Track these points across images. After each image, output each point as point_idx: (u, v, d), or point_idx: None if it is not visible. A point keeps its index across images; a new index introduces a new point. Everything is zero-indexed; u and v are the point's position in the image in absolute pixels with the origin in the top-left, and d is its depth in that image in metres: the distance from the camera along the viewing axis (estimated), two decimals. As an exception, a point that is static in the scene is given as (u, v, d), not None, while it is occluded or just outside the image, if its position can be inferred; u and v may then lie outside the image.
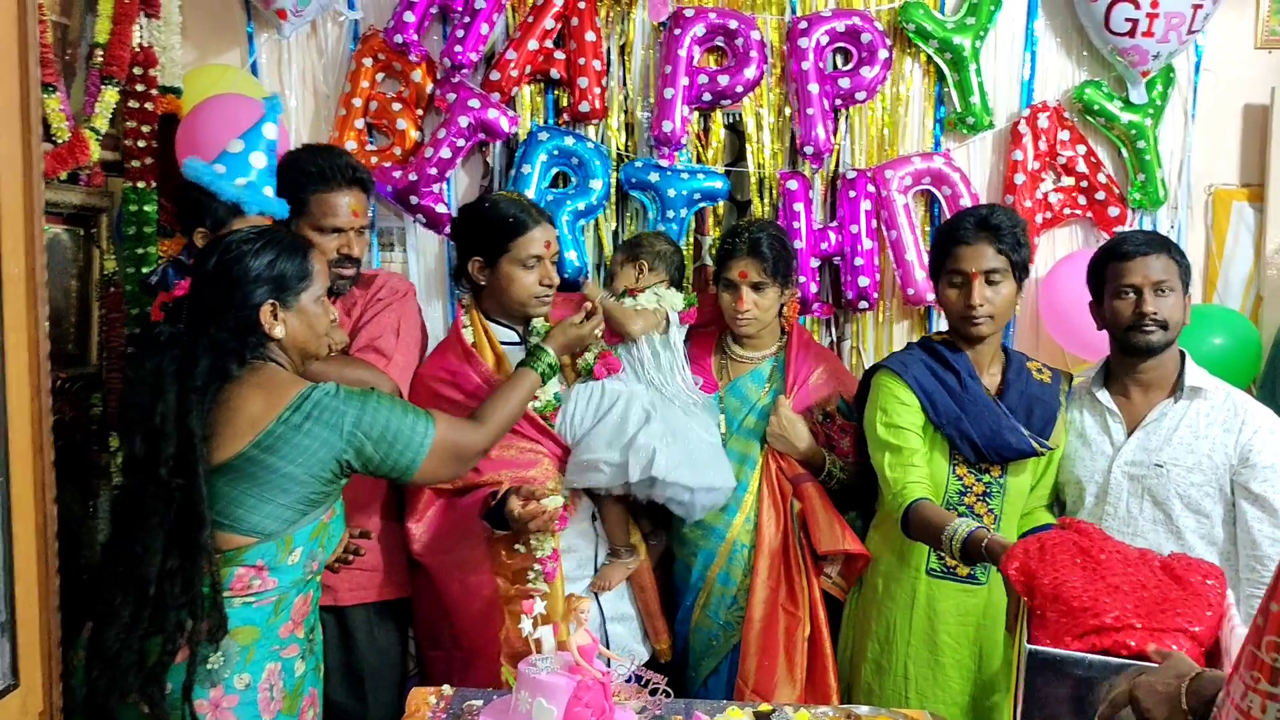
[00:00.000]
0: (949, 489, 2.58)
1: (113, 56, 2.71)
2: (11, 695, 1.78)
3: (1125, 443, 2.56)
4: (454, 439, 2.18)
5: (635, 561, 2.74)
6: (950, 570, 2.61)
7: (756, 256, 2.73)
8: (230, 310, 2.01)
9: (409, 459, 2.09)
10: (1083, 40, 3.40)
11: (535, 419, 2.63)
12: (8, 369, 1.76)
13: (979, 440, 2.53)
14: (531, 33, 3.25)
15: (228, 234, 2.09)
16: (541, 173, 3.26)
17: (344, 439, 2.01)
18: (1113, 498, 2.56)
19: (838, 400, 2.83)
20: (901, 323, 3.47)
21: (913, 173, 3.33)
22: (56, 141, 2.49)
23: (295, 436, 1.96)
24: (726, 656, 2.74)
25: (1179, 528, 2.50)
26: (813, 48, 3.25)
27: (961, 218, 2.61)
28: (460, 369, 2.65)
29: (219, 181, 2.42)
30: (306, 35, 3.40)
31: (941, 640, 2.63)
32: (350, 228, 2.63)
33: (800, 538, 2.73)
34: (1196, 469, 2.49)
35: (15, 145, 1.80)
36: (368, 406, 2.04)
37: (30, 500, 1.82)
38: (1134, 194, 3.39)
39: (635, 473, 2.53)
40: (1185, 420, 2.52)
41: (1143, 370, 2.57)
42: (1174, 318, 2.51)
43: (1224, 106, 3.46)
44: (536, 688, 1.98)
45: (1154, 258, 2.51)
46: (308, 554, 2.05)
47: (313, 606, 2.16)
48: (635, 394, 2.68)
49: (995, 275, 2.53)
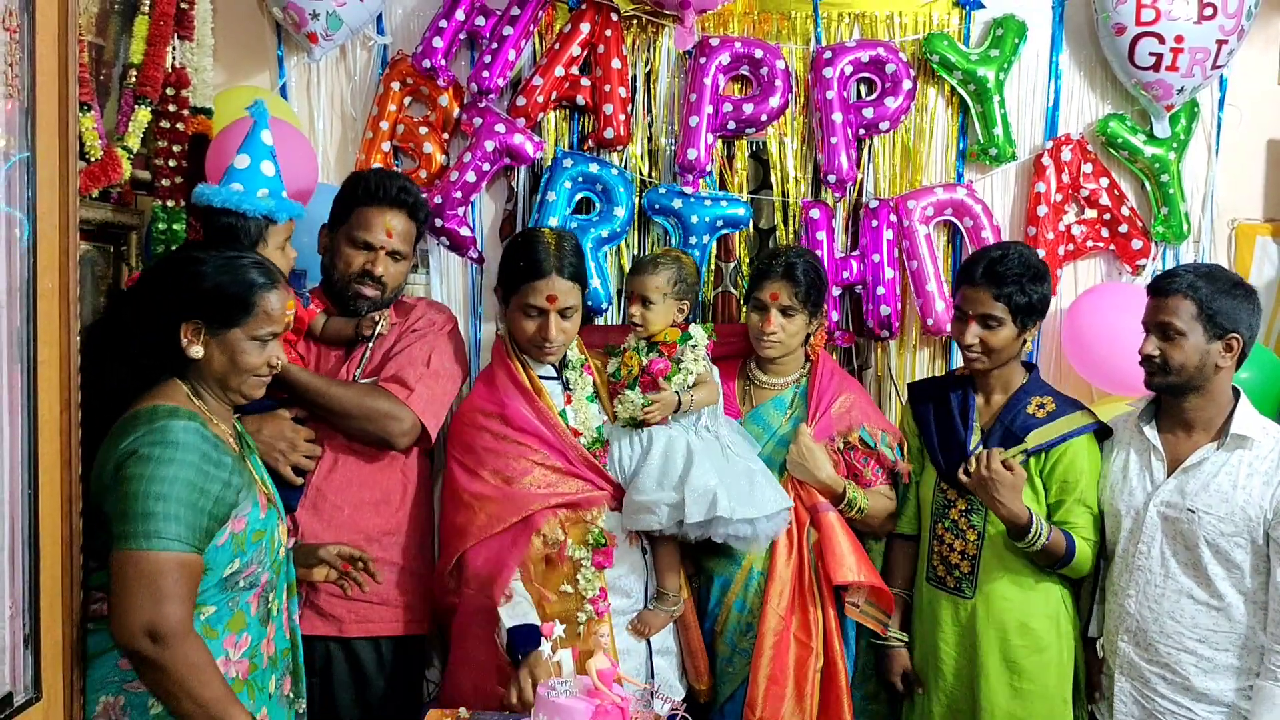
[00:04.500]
0: (935, 501, 2.77)
1: (146, 77, 2.74)
2: (33, 708, 1.78)
3: (1164, 483, 2.55)
4: (157, 582, 1.82)
5: (679, 609, 2.71)
6: (940, 580, 2.74)
7: (790, 281, 2.75)
8: (158, 313, 1.99)
9: (130, 537, 1.83)
10: (1106, 74, 3.41)
11: (588, 457, 2.63)
12: (39, 383, 1.78)
13: (942, 463, 2.73)
14: (558, 59, 3.28)
15: (200, 245, 2.07)
16: (566, 199, 3.28)
17: (106, 477, 1.90)
18: (1146, 536, 2.55)
19: (861, 429, 2.81)
20: (923, 351, 3.47)
21: (935, 203, 3.34)
22: (90, 159, 2.52)
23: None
24: (742, 684, 2.72)
25: (1209, 575, 2.48)
26: (837, 77, 3.27)
27: (976, 259, 2.71)
28: (511, 404, 2.64)
29: (245, 200, 2.44)
30: (336, 59, 3.44)
31: (941, 649, 2.72)
32: (382, 247, 2.65)
33: (816, 568, 2.72)
34: (1229, 519, 2.46)
35: (54, 162, 1.82)
36: (147, 472, 1.84)
37: (57, 513, 1.83)
38: (1157, 227, 3.39)
39: (698, 514, 2.51)
40: (1225, 468, 2.49)
41: (1184, 410, 2.56)
42: (1181, 361, 2.48)
43: (1248, 141, 3.46)
44: (555, 711, 1.98)
45: (1166, 299, 2.51)
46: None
47: (249, 654, 2.02)
48: (674, 432, 2.66)
49: (991, 321, 2.64)
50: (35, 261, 1.76)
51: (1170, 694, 2.51)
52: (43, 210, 1.79)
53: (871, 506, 2.77)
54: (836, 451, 2.78)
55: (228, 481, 1.94)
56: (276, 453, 2.49)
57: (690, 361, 2.69)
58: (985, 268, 2.65)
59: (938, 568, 2.74)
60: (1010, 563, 2.65)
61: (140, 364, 2.02)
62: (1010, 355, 2.70)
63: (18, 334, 1.74)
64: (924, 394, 2.88)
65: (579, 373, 2.74)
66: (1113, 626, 2.62)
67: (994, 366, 2.70)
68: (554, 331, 2.62)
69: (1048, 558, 2.59)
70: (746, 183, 3.43)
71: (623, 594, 2.66)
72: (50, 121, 1.82)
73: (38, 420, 1.77)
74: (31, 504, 1.77)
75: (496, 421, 2.63)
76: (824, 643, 2.71)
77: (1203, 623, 2.49)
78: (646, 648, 2.68)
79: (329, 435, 2.62)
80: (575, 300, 2.67)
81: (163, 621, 1.81)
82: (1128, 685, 2.57)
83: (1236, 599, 2.47)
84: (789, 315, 2.76)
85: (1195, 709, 2.50)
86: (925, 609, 2.78)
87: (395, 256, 2.70)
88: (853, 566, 2.68)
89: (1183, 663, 2.50)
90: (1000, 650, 2.63)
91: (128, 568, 1.82)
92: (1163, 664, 2.52)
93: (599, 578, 2.60)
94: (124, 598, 1.82)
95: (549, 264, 2.63)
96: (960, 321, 2.70)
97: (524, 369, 2.69)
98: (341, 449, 2.65)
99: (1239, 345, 2.50)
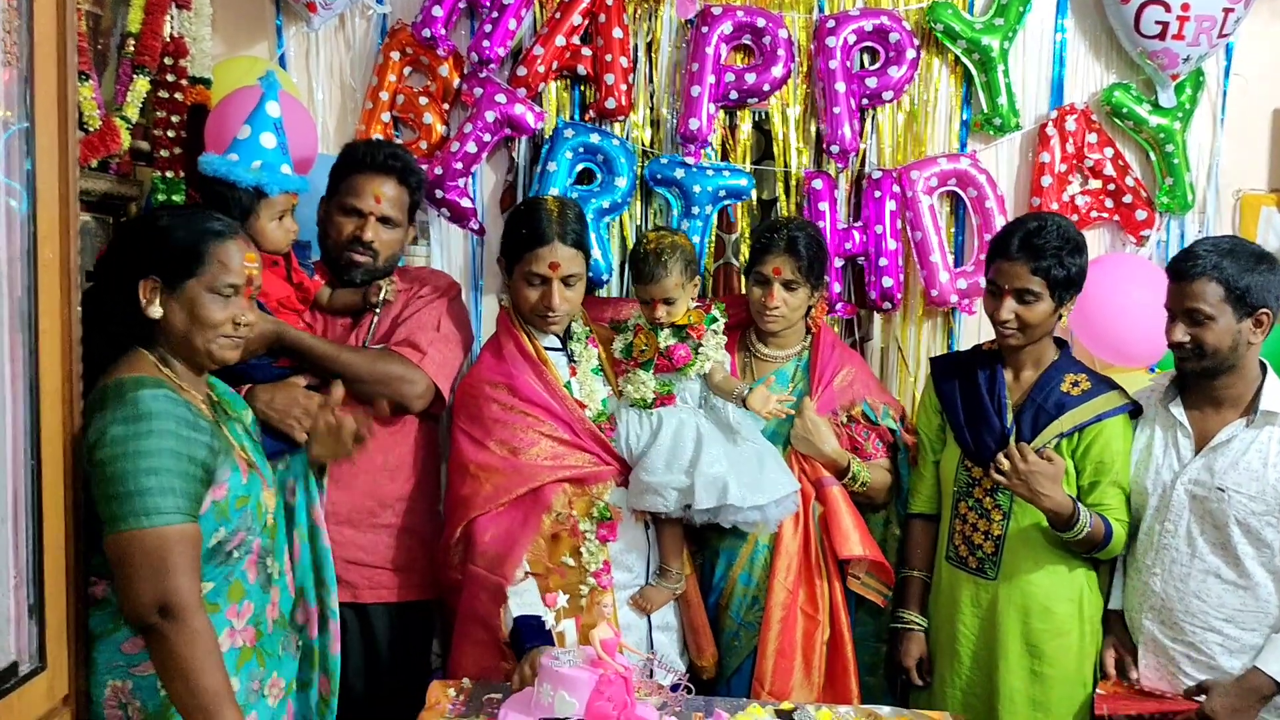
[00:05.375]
0: (959, 479, 2.70)
1: (144, 46, 2.72)
2: (39, 678, 1.78)
3: (1191, 461, 2.51)
4: (163, 558, 1.80)
5: (681, 586, 2.70)
6: (962, 560, 2.68)
7: (792, 254, 2.73)
8: (119, 275, 1.96)
9: (126, 517, 1.80)
10: (1112, 43, 3.38)
11: (595, 431, 2.63)
12: (41, 353, 1.77)
13: (970, 443, 2.65)
14: (559, 29, 3.25)
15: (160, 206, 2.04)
16: (567, 169, 3.26)
17: (82, 459, 1.86)
18: (1174, 515, 2.51)
19: (863, 403, 2.80)
20: (925, 323, 3.46)
21: (938, 174, 3.32)
22: (88, 129, 2.50)
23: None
24: (748, 656, 2.72)
25: (1238, 555, 2.44)
26: (840, 47, 3.24)
27: (1012, 230, 2.61)
28: (519, 375, 2.63)
29: (236, 170, 2.44)
30: (334, 28, 3.41)
31: (960, 632, 2.68)
32: (371, 213, 2.65)
33: (822, 541, 2.72)
34: (1259, 498, 2.42)
35: (53, 132, 1.80)
36: (125, 445, 1.82)
37: (60, 483, 1.83)
38: (1161, 198, 3.37)
39: (708, 501, 2.50)
40: (1255, 445, 2.44)
41: (1212, 387, 2.51)
42: (1212, 345, 2.42)
43: (1253, 111, 3.44)
44: (558, 681, 1.99)
45: (1195, 282, 2.42)
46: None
47: (253, 621, 2.01)
48: (684, 413, 2.65)
49: (1028, 296, 2.55)
50: (35, 231, 1.75)
51: (1195, 672, 2.48)
52: (42, 180, 1.77)
53: (873, 480, 2.77)
54: (839, 425, 2.77)
55: (209, 445, 1.91)
56: (291, 419, 2.48)
57: (711, 349, 2.66)
58: (1022, 240, 2.55)
59: (960, 548, 2.69)
60: (1036, 544, 2.59)
61: (111, 333, 1.98)
62: (1045, 331, 2.62)
63: (19, 304, 1.73)
64: (949, 370, 2.78)
65: (584, 344, 2.73)
66: (1136, 604, 2.58)
67: (1028, 343, 2.61)
68: (557, 300, 2.61)
69: (1085, 544, 2.53)
70: (749, 153, 3.41)
71: (625, 569, 2.66)
72: (49, 91, 1.81)
73: (40, 391, 1.76)
74: (34, 474, 1.76)
75: (504, 392, 2.62)
76: (830, 615, 2.71)
77: (1229, 602, 2.46)
78: (647, 623, 2.68)
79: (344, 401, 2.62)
80: (579, 268, 2.65)
81: (174, 595, 1.79)
82: (1152, 660, 2.55)
83: (1265, 578, 2.44)
84: (791, 289, 2.74)
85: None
86: (944, 590, 2.73)
87: (386, 223, 2.69)
88: (858, 541, 2.68)
89: (1208, 642, 2.47)
90: (1021, 633, 2.59)
91: (130, 548, 1.79)
92: (1188, 643, 2.49)
93: (603, 551, 2.60)
94: (131, 578, 1.79)
95: (551, 231, 2.61)
96: (994, 297, 2.60)
97: (530, 340, 2.68)
98: (356, 415, 2.65)
99: (1269, 320, 2.43)
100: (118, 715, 1.91)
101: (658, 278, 2.64)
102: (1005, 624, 2.61)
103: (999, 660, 2.61)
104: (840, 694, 2.68)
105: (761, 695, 2.63)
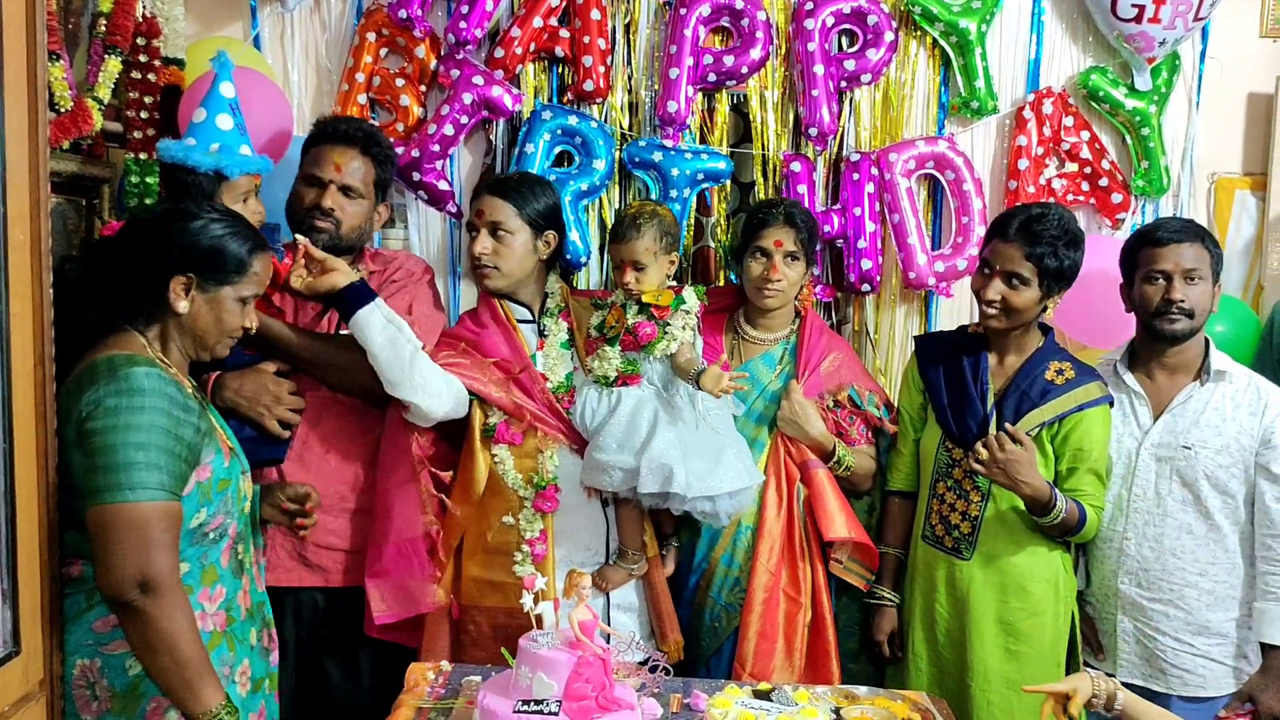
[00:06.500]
0: (938, 460, 2.72)
1: (116, 26, 2.69)
2: (13, 662, 1.77)
3: (1152, 426, 2.63)
4: (146, 532, 1.80)
5: (641, 568, 2.70)
6: (938, 539, 2.72)
7: (792, 226, 2.74)
8: (145, 265, 1.96)
9: (111, 490, 1.81)
10: (1089, 26, 3.39)
11: (551, 401, 2.65)
12: (12, 336, 1.75)
13: (953, 425, 2.67)
14: (536, 10, 3.23)
15: (197, 204, 2.04)
16: (545, 152, 3.25)
17: (69, 433, 1.87)
18: (1140, 480, 2.63)
19: (849, 388, 2.81)
20: (903, 306, 3.47)
21: (916, 156, 3.33)
22: (59, 110, 2.47)
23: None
24: (728, 638, 2.74)
25: (1207, 508, 2.58)
26: (818, 29, 3.24)
27: (1014, 213, 2.64)
28: (488, 336, 2.69)
29: (193, 154, 2.41)
30: (310, 9, 3.38)
31: (935, 610, 2.71)
32: (331, 180, 2.64)
33: (805, 524, 2.73)
34: (1224, 451, 2.56)
35: (22, 112, 1.78)
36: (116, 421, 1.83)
37: (32, 467, 1.81)
38: (1137, 181, 3.39)
39: (651, 485, 2.48)
40: (1211, 403, 2.60)
41: (1170, 354, 2.63)
42: (1201, 306, 2.57)
43: (1228, 95, 3.47)
44: (537, 663, 1.99)
45: (1187, 245, 2.57)
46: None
47: (225, 606, 2.03)
48: (645, 394, 2.63)
49: (1016, 279, 2.57)
50: (6, 213, 1.73)
51: (1172, 631, 2.59)
52: (12, 161, 1.75)
53: (858, 465, 2.78)
54: (825, 409, 2.78)
55: (197, 426, 1.93)
56: (261, 407, 2.47)
57: (678, 328, 2.62)
58: (1021, 224, 2.57)
59: (936, 527, 2.71)
60: (1013, 526, 2.63)
61: (94, 315, 1.98)
62: (1029, 318, 2.64)
63: (-11, 286, 1.72)
64: (933, 352, 2.79)
65: (554, 319, 2.75)
66: (1110, 571, 2.66)
67: (1010, 327, 2.63)
68: (478, 247, 2.66)
69: (1060, 529, 2.58)
70: (727, 136, 3.40)
71: (582, 547, 2.68)
72: (18, 70, 1.78)
73: (11, 374, 1.75)
74: (6, 459, 1.74)
75: (469, 347, 2.68)
76: (812, 598, 2.73)
77: (1202, 556, 2.58)
78: (605, 601, 2.69)
79: (312, 387, 2.61)
80: (507, 220, 2.66)
81: (153, 570, 1.80)
82: (1130, 625, 2.64)
83: (1231, 529, 2.58)
84: (792, 261, 2.75)
85: (1196, 643, 2.59)
86: (919, 568, 2.76)
87: (348, 192, 2.66)
88: (843, 523, 2.69)
89: (1186, 597, 2.58)
90: (996, 612, 2.63)
91: (114, 520, 1.80)
92: (1166, 600, 2.60)
93: (539, 520, 2.63)
94: (112, 551, 1.80)
95: (486, 185, 2.73)
96: (983, 275, 2.62)
97: (504, 309, 2.73)
98: (326, 401, 2.65)
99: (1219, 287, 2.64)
100: (85, 695, 1.91)
101: (629, 238, 2.66)
102: (981, 603, 2.64)
103: (973, 639, 2.64)
104: (821, 676, 2.69)
105: (743, 676, 2.65)
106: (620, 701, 1.99)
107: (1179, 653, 2.60)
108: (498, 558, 2.66)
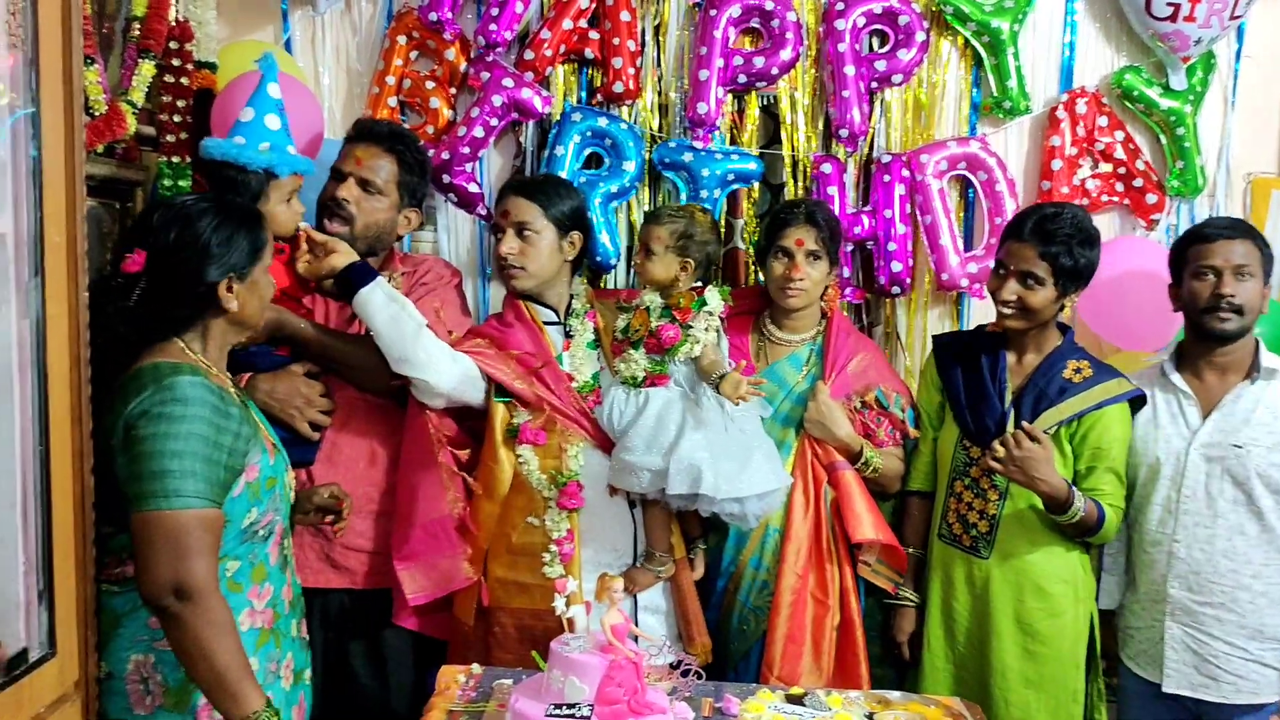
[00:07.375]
0: (956, 459, 2.72)
1: (150, 30, 2.71)
2: (49, 664, 1.78)
3: (1202, 425, 2.59)
4: (181, 540, 1.82)
5: (668, 570, 2.69)
6: (955, 538, 2.71)
7: (813, 225, 2.74)
8: (189, 285, 1.98)
9: (149, 497, 1.83)
10: (1122, 25, 3.35)
11: (577, 398, 2.64)
12: (49, 338, 1.76)
13: (970, 424, 2.67)
14: (566, 12, 3.23)
15: (180, 202, 2.04)
16: (575, 154, 3.25)
17: (116, 439, 1.89)
18: (1190, 480, 2.58)
19: (876, 389, 2.79)
20: (934, 308, 3.44)
21: (948, 157, 3.30)
22: (94, 114, 2.49)
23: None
24: (757, 641, 2.73)
25: (1260, 508, 2.55)
26: (849, 29, 3.22)
27: (1028, 213, 2.65)
28: (513, 335, 2.70)
29: (245, 153, 2.45)
30: (340, 12, 3.40)
31: (954, 609, 2.71)
32: (350, 173, 2.66)
33: (833, 526, 2.71)
34: (1277, 449, 2.54)
35: (59, 115, 1.79)
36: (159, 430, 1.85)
37: (68, 469, 1.82)
38: (1172, 181, 3.35)
39: (679, 487, 2.47)
40: (1263, 402, 2.57)
41: (1220, 354, 2.61)
42: (1251, 303, 2.55)
43: (1265, 94, 3.41)
44: (569, 666, 1.98)
45: (1237, 242, 2.56)
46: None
47: (272, 603, 2.06)
48: (673, 395, 2.62)
49: (1031, 279, 2.57)
50: (43, 215, 1.74)
51: (1224, 635, 2.56)
52: (49, 163, 1.76)
53: (885, 467, 2.76)
54: (852, 410, 2.76)
55: (238, 432, 1.95)
56: (293, 409, 2.49)
57: (700, 330, 2.61)
58: (1035, 224, 2.57)
59: (954, 525, 2.71)
60: (1031, 525, 2.62)
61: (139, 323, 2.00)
62: (1045, 318, 2.64)
63: (26, 288, 1.72)
64: (952, 351, 2.79)
65: (581, 319, 2.76)
66: (1159, 575, 2.62)
67: (1028, 326, 2.63)
68: (503, 247, 2.69)
69: (1078, 528, 2.57)
70: (757, 137, 3.39)
71: (609, 548, 2.68)
72: (54, 74, 1.79)
73: (47, 376, 1.76)
74: (43, 460, 1.75)
75: (492, 343, 2.70)
76: (840, 601, 2.72)
77: (1255, 557, 2.55)
78: (633, 603, 2.68)
79: (342, 388, 2.62)
80: (533, 220, 2.69)
81: (188, 577, 1.81)
82: (1179, 631, 2.60)
83: None
84: (814, 261, 2.74)
85: (1249, 647, 2.56)
86: (937, 567, 2.75)
87: (366, 187, 2.67)
88: (871, 525, 2.67)
89: (1239, 600, 2.55)
90: (1014, 612, 2.62)
91: (150, 528, 1.83)
92: (1219, 604, 2.56)
93: (565, 520, 2.62)
94: (149, 557, 1.82)
95: (511, 186, 2.78)
96: (999, 276, 2.63)
97: (529, 310, 2.75)
98: (355, 402, 2.66)
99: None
100: (139, 690, 1.94)
101: (650, 221, 2.73)
102: (999, 603, 2.63)
103: (992, 638, 2.64)
104: (850, 680, 2.68)
105: (770, 680, 2.63)
106: (653, 706, 1.99)
107: (1231, 658, 2.56)
108: (523, 559, 2.66)
